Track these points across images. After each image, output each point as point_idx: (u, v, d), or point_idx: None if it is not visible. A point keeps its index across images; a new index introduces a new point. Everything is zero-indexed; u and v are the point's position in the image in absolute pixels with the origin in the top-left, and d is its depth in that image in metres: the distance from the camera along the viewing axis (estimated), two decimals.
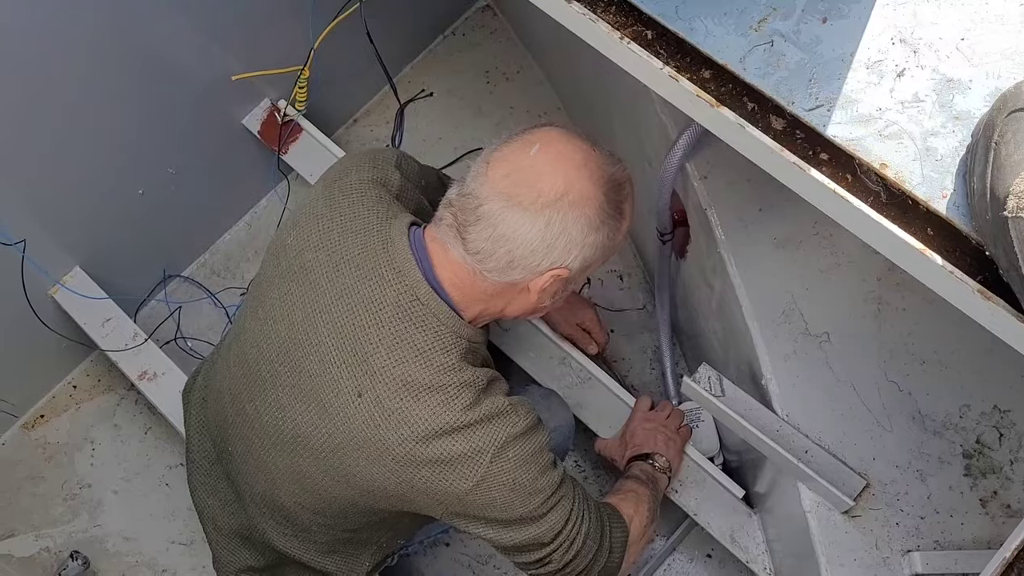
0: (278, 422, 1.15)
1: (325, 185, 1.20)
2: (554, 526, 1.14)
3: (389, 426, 1.07)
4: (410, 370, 1.07)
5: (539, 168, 1.06)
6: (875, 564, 1.20)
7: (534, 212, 1.04)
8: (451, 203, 1.09)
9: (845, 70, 0.84)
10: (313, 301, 1.12)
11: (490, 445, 1.07)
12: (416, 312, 1.08)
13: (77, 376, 1.92)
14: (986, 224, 0.75)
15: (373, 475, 1.10)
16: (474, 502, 1.10)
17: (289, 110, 1.80)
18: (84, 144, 1.57)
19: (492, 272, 1.07)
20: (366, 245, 1.11)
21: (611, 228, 1.10)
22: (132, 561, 1.80)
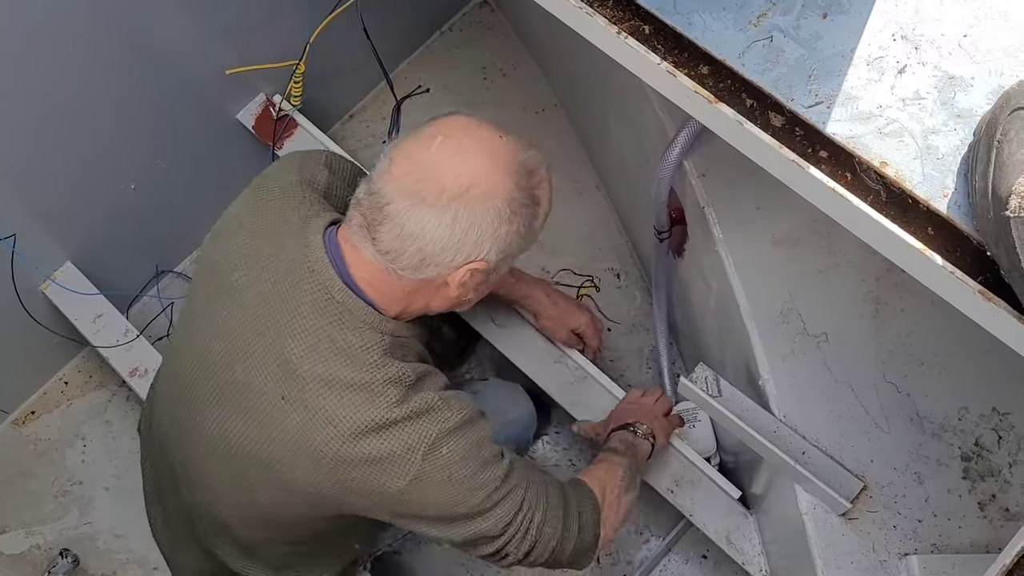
0: (218, 440, 1.12)
1: (251, 191, 1.18)
2: (501, 519, 1.11)
3: (316, 427, 1.04)
4: (331, 368, 1.04)
5: (442, 162, 1.03)
6: (872, 567, 1.19)
7: (440, 208, 1.01)
8: (360, 202, 1.06)
9: (845, 66, 0.82)
10: (239, 311, 1.09)
11: (420, 442, 1.04)
12: (332, 310, 1.05)
13: (68, 372, 1.90)
14: (988, 224, 0.74)
15: (310, 481, 1.07)
16: (412, 501, 1.07)
17: (284, 105, 1.78)
18: (75, 137, 1.56)
19: (406, 270, 1.05)
20: (284, 248, 1.09)
21: (525, 216, 1.07)
22: (123, 559, 1.78)
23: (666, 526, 1.71)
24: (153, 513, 1.35)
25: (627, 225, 1.92)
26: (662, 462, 1.53)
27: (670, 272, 1.64)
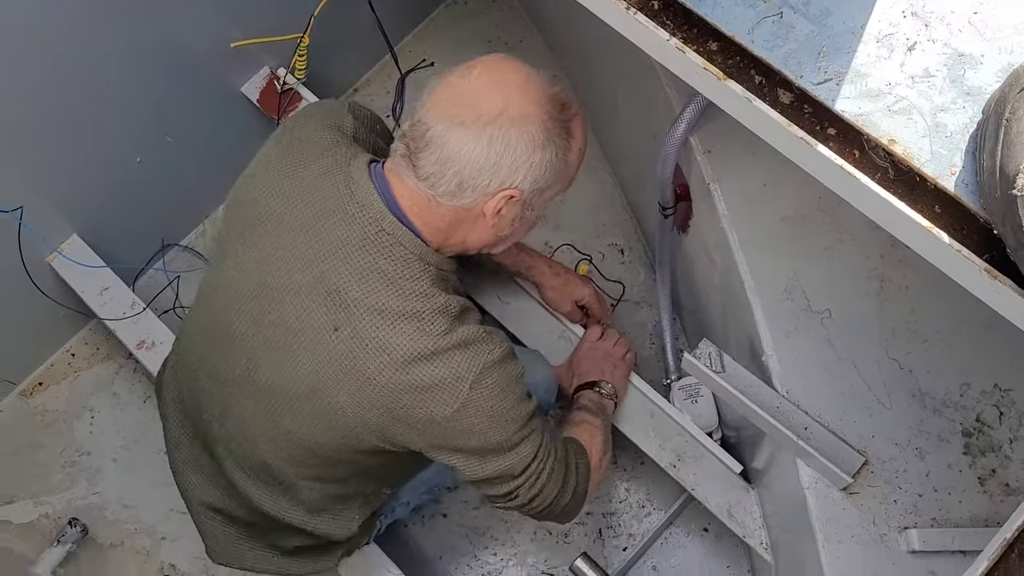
0: (252, 375, 1.15)
1: (279, 135, 1.20)
2: (524, 458, 1.16)
3: (368, 355, 1.08)
4: (383, 299, 1.08)
5: (479, 89, 1.08)
6: (872, 541, 1.20)
7: (476, 130, 1.06)
8: (404, 134, 1.11)
9: (855, 43, 0.82)
10: (278, 247, 1.12)
11: (469, 371, 1.08)
12: (382, 242, 1.09)
13: (75, 344, 1.92)
14: (995, 202, 0.74)
15: (355, 410, 1.11)
16: (454, 429, 1.11)
17: (288, 78, 1.78)
18: (81, 110, 1.56)
19: (444, 196, 1.09)
20: (329, 186, 1.12)
21: (559, 147, 1.11)
22: (131, 528, 1.80)
23: (668, 500, 1.72)
24: (178, 460, 1.36)
25: (632, 201, 1.93)
26: (665, 437, 1.54)
27: (674, 248, 1.65)
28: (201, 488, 1.34)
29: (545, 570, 1.74)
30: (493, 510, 1.76)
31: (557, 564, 1.73)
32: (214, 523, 1.35)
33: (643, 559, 1.73)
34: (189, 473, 1.35)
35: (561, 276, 1.59)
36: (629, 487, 1.76)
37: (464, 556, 1.75)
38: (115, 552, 1.79)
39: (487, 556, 1.75)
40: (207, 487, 1.34)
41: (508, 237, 1.19)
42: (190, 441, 1.34)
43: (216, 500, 1.33)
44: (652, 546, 1.73)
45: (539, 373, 1.47)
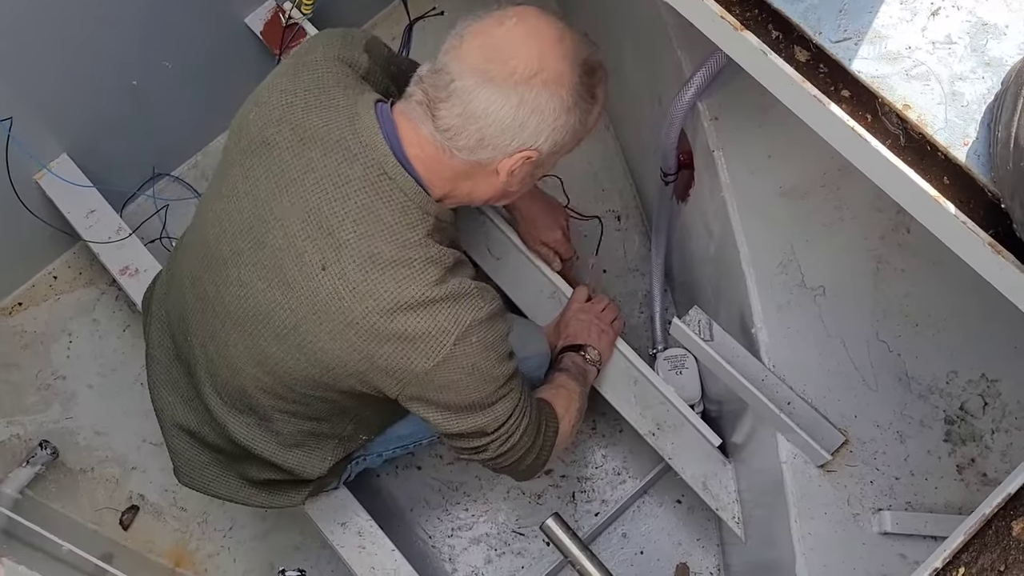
0: (240, 300, 1.13)
1: (291, 62, 1.17)
2: (499, 417, 1.15)
3: (354, 299, 1.06)
4: (376, 244, 1.05)
5: (514, 42, 1.03)
6: (845, 519, 1.20)
7: (507, 89, 1.02)
8: (422, 79, 1.07)
9: (878, 3, 0.80)
10: (277, 176, 1.10)
11: (455, 326, 1.06)
12: (383, 187, 1.06)
13: (58, 267, 1.89)
14: (1006, 174, 0.72)
15: (335, 350, 1.09)
16: (432, 382, 1.10)
17: (294, 13, 1.74)
18: (78, 24, 1.52)
19: (462, 151, 1.06)
20: (332, 120, 1.09)
21: (583, 111, 1.08)
22: (102, 456, 1.79)
23: (644, 469, 1.72)
24: (156, 377, 1.35)
25: (633, 167, 1.90)
26: (646, 405, 1.53)
27: (672, 217, 1.63)
28: (176, 409, 1.33)
29: (516, 529, 1.74)
30: (467, 464, 1.76)
31: (528, 524, 1.73)
32: (185, 445, 1.34)
33: (614, 525, 1.73)
34: (166, 393, 1.34)
35: (538, 218, 1.55)
36: (606, 453, 1.76)
37: (435, 510, 1.75)
38: (84, 478, 1.78)
39: (458, 511, 1.75)
40: (182, 409, 1.32)
41: (514, 192, 1.16)
42: (170, 362, 1.32)
43: (190, 423, 1.32)
44: (624, 513, 1.73)
45: (531, 348, 1.45)
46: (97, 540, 1.72)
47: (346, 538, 1.52)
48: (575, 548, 1.36)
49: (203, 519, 1.76)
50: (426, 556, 1.72)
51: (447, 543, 1.74)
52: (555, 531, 1.37)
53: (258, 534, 1.75)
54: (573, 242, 1.65)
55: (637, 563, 1.71)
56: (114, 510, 1.76)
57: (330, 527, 1.52)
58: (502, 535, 1.73)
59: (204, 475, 1.35)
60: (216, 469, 1.34)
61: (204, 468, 1.34)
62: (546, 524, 1.38)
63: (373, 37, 1.25)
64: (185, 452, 1.34)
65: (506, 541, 1.73)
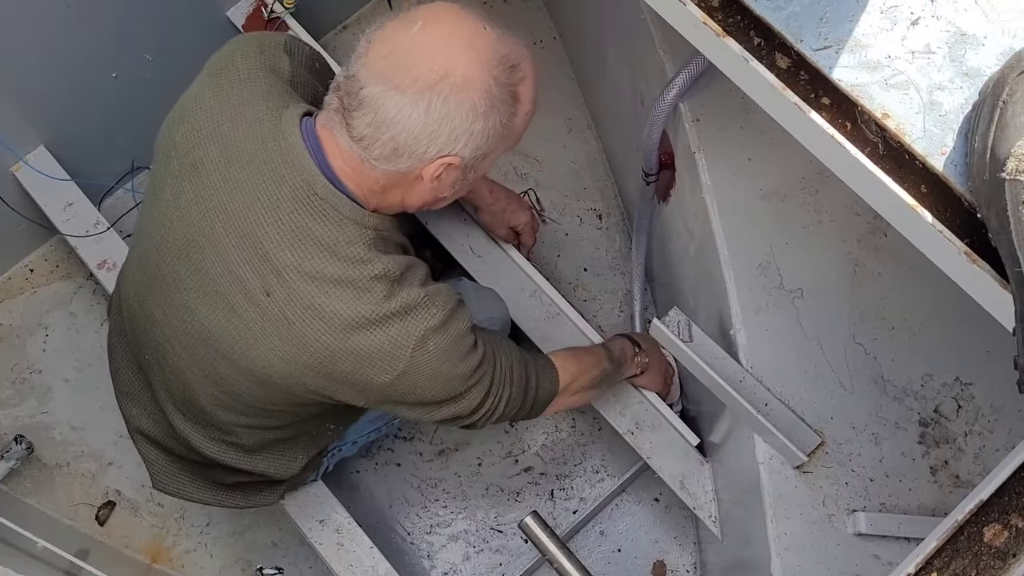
0: (187, 325, 1.11)
1: (211, 75, 1.12)
2: (472, 402, 1.15)
3: (303, 321, 1.04)
4: (316, 264, 1.03)
5: (419, 48, 0.99)
6: (820, 520, 1.21)
7: (413, 96, 0.98)
8: (339, 86, 1.03)
9: (859, 12, 0.81)
10: (207, 199, 1.06)
11: (409, 339, 1.05)
12: (315, 206, 1.03)
13: (35, 260, 1.87)
14: (982, 184, 0.73)
15: (291, 372, 1.07)
16: (395, 390, 1.09)
17: (276, 7, 1.73)
18: (57, 15, 1.50)
19: (379, 160, 1.02)
20: (258, 138, 1.05)
21: (503, 114, 1.03)
22: (77, 451, 1.78)
23: (622, 467, 1.73)
24: (120, 391, 1.34)
25: (615, 167, 1.91)
26: (625, 404, 1.54)
27: (653, 217, 1.64)
28: (141, 420, 1.32)
29: (495, 526, 1.74)
30: (446, 461, 1.76)
31: (507, 521, 1.74)
32: (154, 454, 1.33)
33: (592, 523, 1.73)
34: (130, 404, 1.33)
35: (501, 202, 1.54)
36: (585, 452, 1.77)
37: (414, 506, 1.75)
38: (60, 473, 1.76)
39: (437, 508, 1.75)
40: (147, 421, 1.31)
41: (448, 197, 1.14)
42: (132, 374, 1.31)
43: (155, 434, 1.31)
44: (602, 511, 1.74)
45: (489, 310, 1.44)
46: (73, 536, 1.71)
47: (324, 535, 1.52)
48: (553, 546, 1.37)
49: (180, 515, 1.75)
50: (405, 553, 1.72)
51: (426, 540, 1.74)
52: (533, 529, 1.38)
53: (236, 530, 1.75)
54: (554, 243, 1.66)
55: (615, 561, 1.72)
56: (90, 505, 1.75)
57: (308, 524, 1.52)
58: (481, 532, 1.74)
59: (177, 481, 1.34)
60: (188, 475, 1.34)
61: (176, 475, 1.34)
62: (524, 522, 1.39)
63: (291, 37, 1.21)
64: (156, 460, 1.34)
65: (485, 538, 1.73)
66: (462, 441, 1.77)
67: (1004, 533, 0.71)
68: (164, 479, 1.35)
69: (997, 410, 1.22)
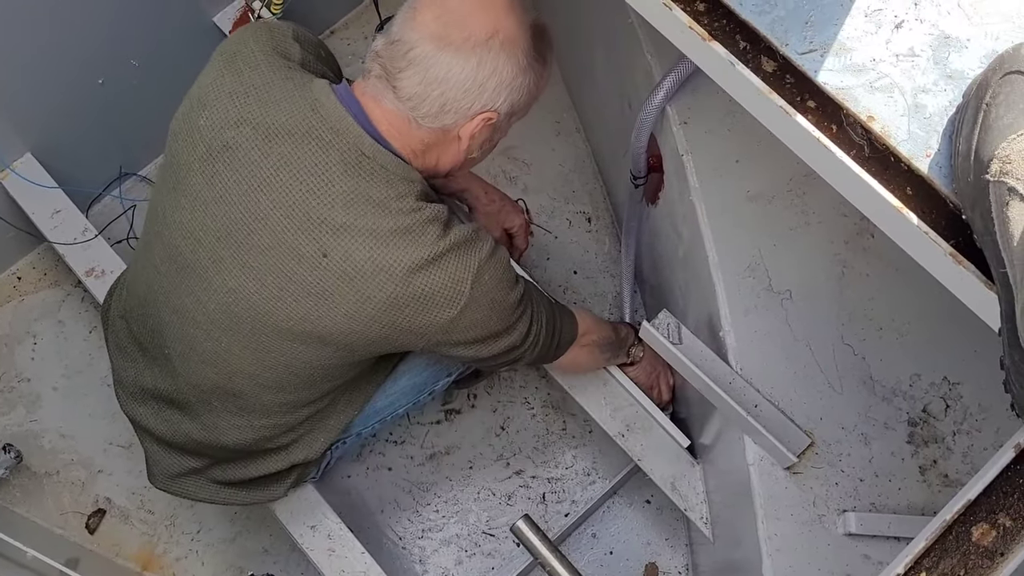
0: (229, 306, 1.13)
1: (226, 60, 1.15)
2: (522, 331, 1.22)
3: (364, 276, 1.07)
4: (373, 221, 1.07)
5: (467, 7, 1.07)
6: (810, 521, 1.21)
7: (466, 52, 1.05)
8: (378, 54, 1.09)
9: (843, 16, 0.81)
10: (248, 177, 1.09)
11: (467, 272, 1.10)
12: (365, 167, 1.08)
13: (22, 268, 1.86)
14: (966, 186, 0.74)
15: (354, 328, 1.11)
16: (458, 326, 1.13)
17: (264, 12, 1.73)
18: (43, 21, 1.50)
19: (426, 118, 1.08)
20: (293, 112, 1.09)
21: (536, 73, 1.12)
22: (67, 459, 1.77)
23: (613, 469, 1.73)
24: (124, 395, 1.34)
25: (603, 170, 1.91)
26: (616, 407, 1.54)
27: (641, 219, 1.64)
28: (149, 420, 1.32)
29: (486, 530, 1.74)
30: (437, 466, 1.76)
31: (498, 525, 1.74)
32: (161, 454, 1.33)
33: (584, 526, 1.74)
34: (137, 405, 1.33)
35: (496, 203, 1.59)
36: (576, 454, 1.77)
37: (406, 511, 1.75)
38: (50, 481, 1.75)
39: (429, 512, 1.75)
40: (156, 420, 1.31)
41: (475, 159, 1.20)
42: (139, 373, 1.31)
43: (164, 434, 1.31)
44: (594, 514, 1.74)
45: None
46: (63, 545, 1.70)
47: (315, 541, 1.51)
48: (545, 549, 1.37)
49: (171, 522, 1.74)
50: (396, 558, 1.72)
51: (417, 545, 1.74)
52: (525, 533, 1.38)
53: (227, 537, 1.74)
54: (544, 246, 1.66)
55: (607, 563, 1.72)
56: (80, 514, 1.74)
57: (299, 530, 1.52)
58: (472, 536, 1.74)
59: (180, 482, 1.34)
60: (193, 476, 1.34)
61: (180, 476, 1.34)
62: (516, 526, 1.39)
63: (297, 25, 1.24)
64: (161, 460, 1.34)
65: (476, 542, 1.73)
66: (453, 445, 1.77)
67: (992, 532, 0.71)
68: (166, 480, 1.35)
69: (985, 409, 1.23)
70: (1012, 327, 0.69)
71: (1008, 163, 0.69)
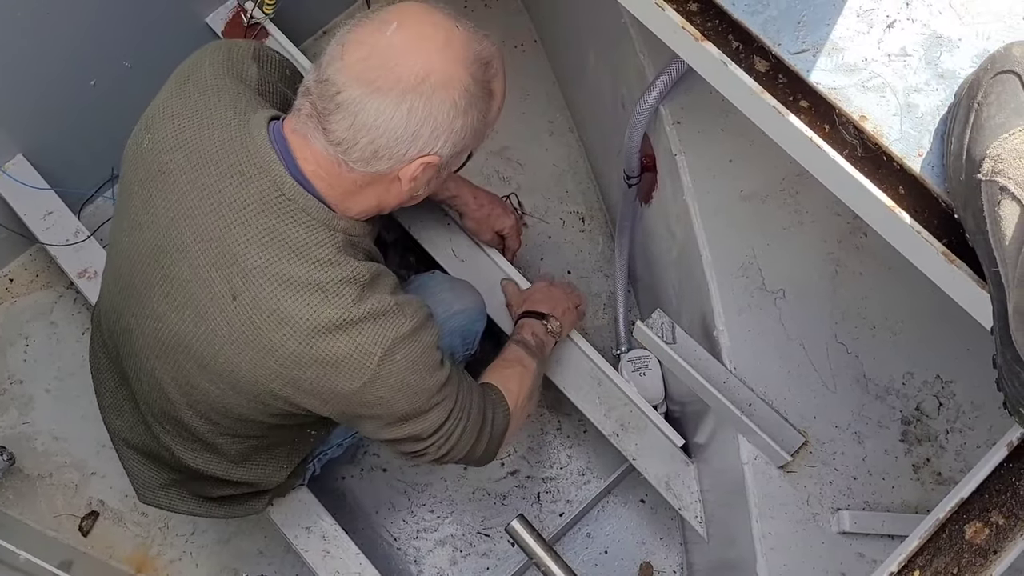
0: (159, 333, 1.10)
1: (178, 82, 1.12)
2: (433, 423, 1.14)
3: (270, 326, 1.03)
4: (286, 267, 1.02)
5: (397, 49, 0.99)
6: (805, 519, 1.22)
7: (395, 98, 0.98)
8: (309, 91, 1.02)
9: (835, 16, 0.82)
10: (175, 204, 1.05)
11: (377, 346, 1.04)
12: (283, 208, 1.02)
13: (14, 269, 1.85)
14: (959, 186, 0.74)
15: (258, 378, 1.07)
16: (360, 401, 1.08)
17: (256, 13, 1.72)
18: (36, 24, 1.49)
19: (358, 162, 1.02)
20: (225, 141, 1.04)
21: (480, 110, 1.05)
22: (60, 461, 1.76)
23: (608, 469, 1.73)
24: (104, 403, 1.33)
25: (596, 169, 1.91)
26: (610, 406, 1.54)
27: (635, 219, 1.64)
28: (125, 433, 1.31)
29: (481, 530, 1.74)
30: (433, 468, 1.76)
31: (493, 525, 1.74)
32: (140, 467, 1.33)
33: (579, 525, 1.74)
34: (114, 417, 1.32)
35: (485, 208, 1.54)
36: (571, 454, 1.77)
37: (400, 512, 1.75)
38: (43, 483, 1.75)
39: (424, 513, 1.75)
40: (130, 434, 1.31)
41: (422, 195, 1.14)
42: (115, 388, 1.31)
43: (140, 446, 1.31)
44: (589, 513, 1.74)
45: (464, 300, 1.42)
46: (56, 547, 1.69)
47: (310, 542, 1.51)
48: (540, 549, 1.37)
49: (164, 524, 1.74)
50: (391, 558, 1.72)
51: (412, 545, 1.73)
52: (520, 533, 1.38)
53: (221, 539, 1.74)
54: (538, 246, 1.66)
55: (602, 563, 1.72)
56: (73, 516, 1.73)
57: (294, 531, 1.51)
58: (467, 536, 1.74)
59: (162, 494, 1.34)
60: (174, 488, 1.33)
61: (162, 488, 1.33)
62: (511, 526, 1.39)
63: (261, 45, 1.19)
64: (141, 474, 1.33)
65: (471, 543, 1.73)
66: None
67: (985, 531, 0.72)
68: (149, 493, 1.34)
69: (978, 407, 1.23)
70: (1004, 326, 0.70)
71: (1000, 162, 0.70)
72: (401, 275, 1.71)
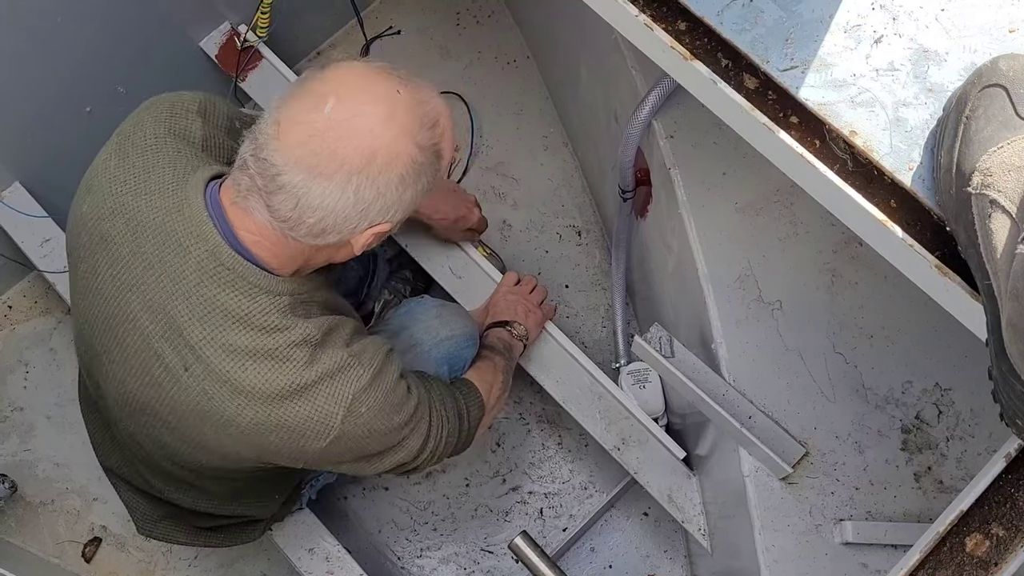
0: (123, 396, 1.09)
1: (119, 141, 1.09)
2: (413, 448, 1.13)
3: (224, 397, 1.01)
4: (231, 337, 0.99)
5: (338, 131, 0.93)
6: (807, 531, 1.22)
7: (340, 182, 0.94)
8: (247, 165, 0.97)
9: (823, 32, 0.82)
10: (120, 274, 1.03)
11: (338, 406, 1.02)
12: (222, 277, 0.99)
13: (13, 296, 1.86)
14: (949, 199, 0.75)
15: (224, 443, 1.05)
16: (332, 453, 1.07)
17: (250, 36, 1.73)
18: (29, 52, 1.50)
19: (306, 237, 0.98)
20: (162, 208, 1.01)
21: (429, 175, 1.01)
22: (62, 488, 1.76)
23: (610, 483, 1.73)
24: (96, 443, 1.34)
25: (592, 183, 1.92)
26: (611, 420, 1.54)
27: (631, 232, 1.65)
28: (119, 470, 1.32)
29: (485, 547, 1.74)
30: (434, 484, 1.76)
31: (497, 541, 1.73)
32: (137, 502, 1.33)
33: (582, 540, 1.73)
34: (105, 456, 1.33)
35: (448, 217, 1.52)
36: (573, 468, 1.77)
37: (403, 530, 1.75)
38: (45, 510, 1.75)
39: (427, 531, 1.75)
40: (124, 471, 1.31)
41: (374, 245, 1.09)
42: (102, 430, 1.31)
43: (134, 483, 1.31)
44: (592, 528, 1.74)
45: (456, 327, 1.40)
46: (59, 575, 1.69)
47: (314, 564, 1.51)
48: (543, 566, 1.37)
49: (167, 549, 1.74)
50: None
51: (416, 564, 1.73)
52: (524, 549, 1.38)
53: (224, 563, 1.73)
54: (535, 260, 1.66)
55: None
56: (76, 543, 1.73)
57: (297, 554, 1.51)
58: (471, 554, 1.73)
59: (160, 526, 1.34)
60: (171, 520, 1.33)
61: (159, 520, 1.33)
62: (514, 543, 1.39)
63: (207, 97, 1.14)
64: (138, 507, 1.33)
65: (475, 560, 1.73)
66: (449, 462, 1.77)
67: (985, 543, 0.72)
68: (148, 524, 1.34)
69: (977, 414, 1.23)
70: (998, 338, 0.70)
71: (989, 175, 0.70)
72: (398, 289, 1.72)
